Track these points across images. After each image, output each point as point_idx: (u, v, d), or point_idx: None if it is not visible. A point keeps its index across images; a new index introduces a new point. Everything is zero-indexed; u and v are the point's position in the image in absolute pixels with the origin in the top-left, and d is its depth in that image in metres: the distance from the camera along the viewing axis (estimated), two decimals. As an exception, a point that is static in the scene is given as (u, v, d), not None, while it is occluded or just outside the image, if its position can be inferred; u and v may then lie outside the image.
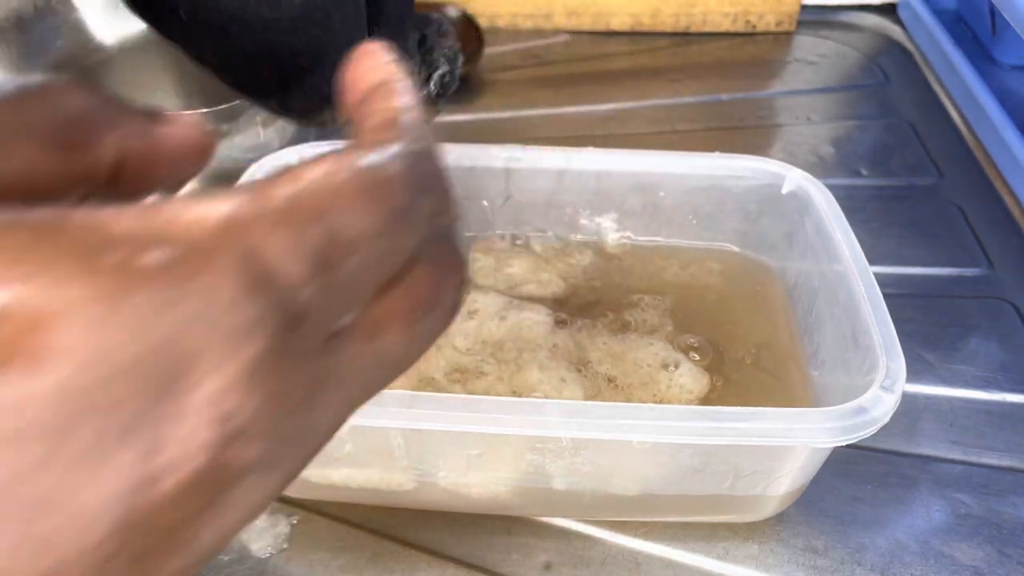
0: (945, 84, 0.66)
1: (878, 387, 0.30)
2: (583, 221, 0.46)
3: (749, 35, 0.75)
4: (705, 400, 0.38)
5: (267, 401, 0.11)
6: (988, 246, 0.51)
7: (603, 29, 0.75)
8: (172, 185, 0.15)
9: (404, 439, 0.32)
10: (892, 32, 0.75)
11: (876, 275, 0.35)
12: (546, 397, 0.37)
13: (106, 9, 0.66)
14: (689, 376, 0.39)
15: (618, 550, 0.35)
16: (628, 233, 0.46)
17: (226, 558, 0.35)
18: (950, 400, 0.42)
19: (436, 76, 0.35)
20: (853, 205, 0.52)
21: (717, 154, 0.43)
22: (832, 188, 0.41)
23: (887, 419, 0.29)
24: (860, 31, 0.76)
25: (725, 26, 0.75)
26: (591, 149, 0.44)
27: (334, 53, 0.27)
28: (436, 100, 0.36)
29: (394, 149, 0.13)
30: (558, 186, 0.44)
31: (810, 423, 0.29)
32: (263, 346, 0.11)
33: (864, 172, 0.58)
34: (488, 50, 0.69)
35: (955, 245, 0.51)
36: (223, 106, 0.48)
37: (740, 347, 0.41)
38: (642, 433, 0.29)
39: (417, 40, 0.35)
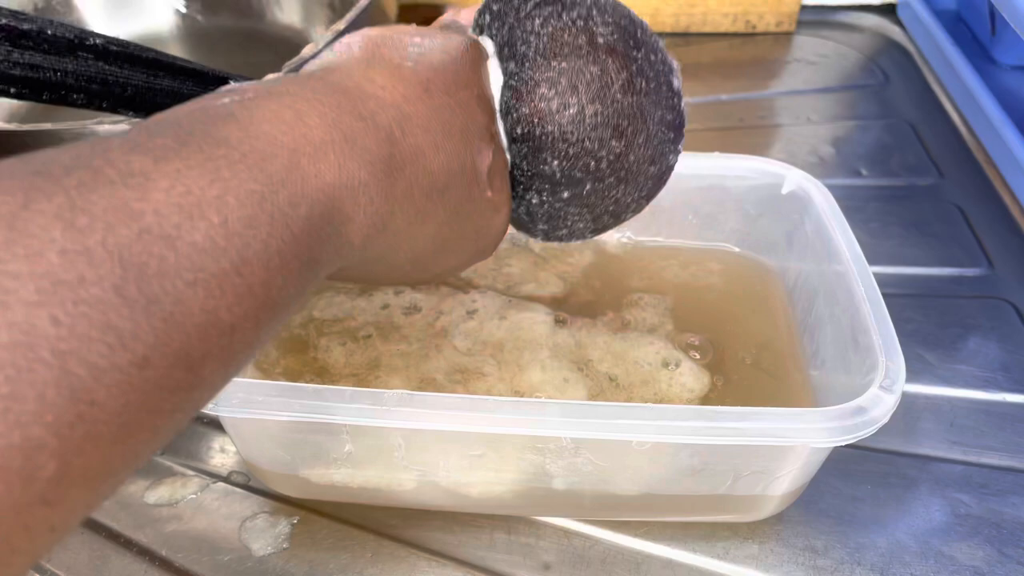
0: (945, 84, 0.66)
1: (878, 387, 0.30)
2: (583, 221, 0.46)
3: (749, 35, 0.75)
4: (706, 399, 0.38)
5: None
6: (988, 246, 0.51)
7: (603, 29, 0.75)
8: None
9: (404, 439, 0.32)
10: (892, 32, 0.75)
11: (876, 275, 0.35)
12: (549, 398, 0.37)
13: (106, 9, 0.66)
14: (690, 375, 0.39)
15: (618, 550, 0.35)
16: (628, 233, 0.46)
17: (226, 558, 0.35)
18: (950, 400, 0.42)
19: None
20: (853, 205, 0.52)
21: (717, 154, 0.43)
22: (832, 188, 0.41)
23: (887, 419, 0.29)
24: (860, 31, 0.76)
25: (725, 26, 0.75)
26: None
27: None
28: None
29: None
30: (558, 186, 0.44)
31: (810, 423, 0.29)
32: None
33: (864, 172, 0.58)
34: (488, 50, 0.69)
35: (955, 245, 0.51)
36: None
37: (740, 347, 0.41)
38: (642, 433, 0.29)
39: None
